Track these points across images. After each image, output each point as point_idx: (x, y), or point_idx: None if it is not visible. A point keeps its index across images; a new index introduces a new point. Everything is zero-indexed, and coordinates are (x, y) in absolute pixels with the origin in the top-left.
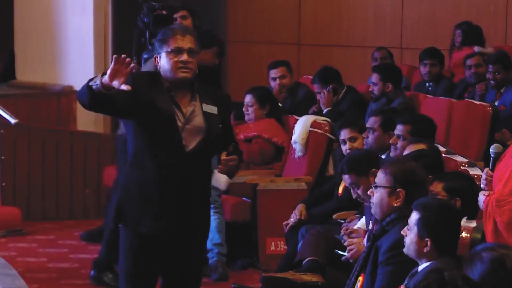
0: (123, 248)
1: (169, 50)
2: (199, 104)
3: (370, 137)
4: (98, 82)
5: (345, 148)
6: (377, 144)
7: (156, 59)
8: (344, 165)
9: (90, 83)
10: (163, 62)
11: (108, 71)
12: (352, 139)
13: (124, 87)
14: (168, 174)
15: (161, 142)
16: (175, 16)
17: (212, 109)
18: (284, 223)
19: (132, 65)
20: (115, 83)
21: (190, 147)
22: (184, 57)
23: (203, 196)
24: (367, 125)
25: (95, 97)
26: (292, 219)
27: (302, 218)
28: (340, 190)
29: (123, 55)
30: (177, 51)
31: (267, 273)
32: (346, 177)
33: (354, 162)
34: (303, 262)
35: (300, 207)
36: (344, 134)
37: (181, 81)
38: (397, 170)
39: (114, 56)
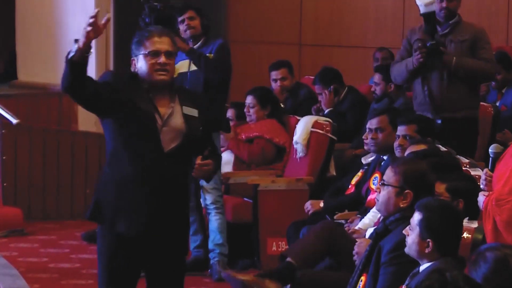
0: (100, 248)
1: (146, 52)
2: (179, 106)
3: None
4: (75, 48)
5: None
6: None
7: (134, 62)
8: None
9: (69, 56)
10: (141, 64)
11: (84, 29)
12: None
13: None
14: (145, 175)
15: (139, 142)
16: (182, 17)
17: (193, 112)
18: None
19: (107, 16)
20: (91, 34)
21: (168, 149)
22: (162, 59)
23: (181, 197)
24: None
25: (75, 69)
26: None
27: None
28: (353, 182)
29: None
30: (154, 53)
31: (230, 271)
32: (378, 119)
33: (391, 111)
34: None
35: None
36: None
37: (159, 83)
38: (407, 170)
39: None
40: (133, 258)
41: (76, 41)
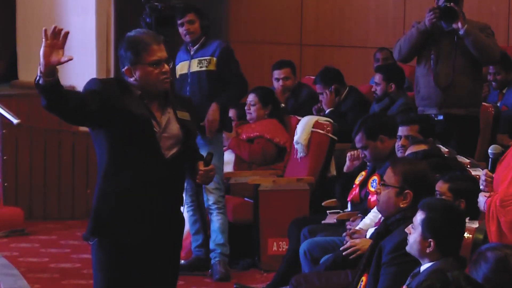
0: (100, 263)
1: (150, 62)
2: (172, 111)
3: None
4: (38, 72)
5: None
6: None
7: (130, 70)
8: (357, 126)
9: (36, 80)
10: (142, 74)
11: (41, 52)
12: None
13: (65, 58)
14: (147, 182)
15: (139, 150)
16: (181, 20)
17: (185, 116)
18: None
19: (66, 31)
20: (54, 60)
21: (169, 155)
22: (165, 68)
23: (179, 202)
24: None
25: (46, 92)
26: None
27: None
28: (357, 181)
29: (53, 26)
30: (157, 63)
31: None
32: (358, 137)
33: (366, 124)
34: None
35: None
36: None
37: (162, 92)
38: (407, 171)
39: (43, 29)
40: (135, 268)
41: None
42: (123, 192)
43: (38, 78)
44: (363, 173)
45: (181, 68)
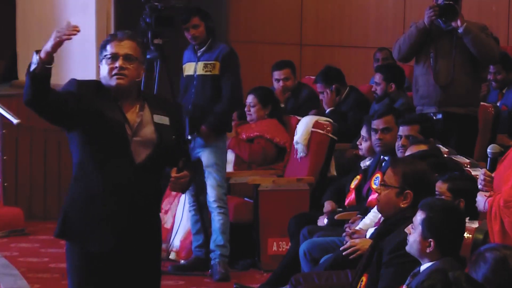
0: (70, 266)
1: (105, 56)
2: (149, 114)
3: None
4: (36, 58)
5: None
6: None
7: (100, 67)
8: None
9: (30, 68)
10: (102, 69)
11: (55, 38)
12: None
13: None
14: (116, 188)
15: (109, 153)
16: (187, 25)
17: (164, 120)
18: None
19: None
20: (64, 38)
21: (139, 160)
22: (119, 62)
23: (153, 210)
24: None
25: (37, 82)
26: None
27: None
28: (352, 185)
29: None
30: (113, 57)
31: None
32: (385, 119)
33: (396, 109)
34: None
35: (328, 204)
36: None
37: (116, 88)
38: (407, 171)
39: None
40: (106, 275)
41: (37, 52)
42: (91, 196)
43: (34, 66)
44: (358, 177)
45: (188, 68)
